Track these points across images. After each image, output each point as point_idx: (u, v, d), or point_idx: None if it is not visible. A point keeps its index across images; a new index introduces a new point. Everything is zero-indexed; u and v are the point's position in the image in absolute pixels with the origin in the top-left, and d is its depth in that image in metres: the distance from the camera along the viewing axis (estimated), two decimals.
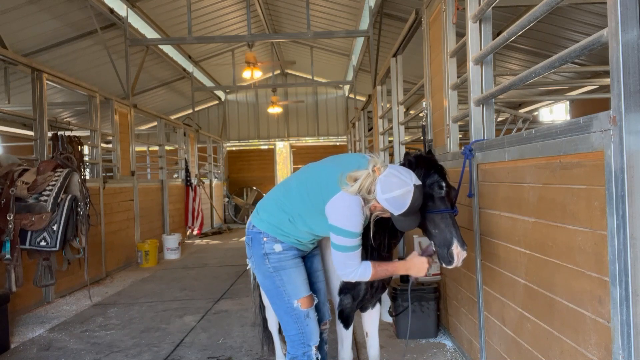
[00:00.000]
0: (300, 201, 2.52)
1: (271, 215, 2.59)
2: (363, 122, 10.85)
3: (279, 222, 2.56)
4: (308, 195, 2.50)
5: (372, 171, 2.35)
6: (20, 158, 5.37)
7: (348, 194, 2.34)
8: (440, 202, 2.48)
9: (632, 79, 1.63)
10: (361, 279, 2.49)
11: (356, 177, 2.34)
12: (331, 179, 2.41)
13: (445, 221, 2.45)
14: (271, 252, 2.56)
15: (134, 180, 8.97)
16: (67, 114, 14.07)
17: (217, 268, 8.02)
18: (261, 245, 2.58)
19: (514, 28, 2.48)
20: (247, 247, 2.70)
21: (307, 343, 2.58)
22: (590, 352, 1.92)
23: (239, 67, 14.24)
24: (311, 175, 2.58)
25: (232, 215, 17.35)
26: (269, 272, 2.58)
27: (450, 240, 2.43)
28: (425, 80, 4.52)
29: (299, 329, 2.58)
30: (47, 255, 4.80)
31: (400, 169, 2.38)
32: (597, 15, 7.88)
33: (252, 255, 2.65)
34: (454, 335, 4.05)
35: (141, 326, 4.96)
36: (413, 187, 2.29)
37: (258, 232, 2.59)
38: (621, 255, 1.69)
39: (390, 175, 2.31)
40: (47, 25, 9.23)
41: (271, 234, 2.56)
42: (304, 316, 2.56)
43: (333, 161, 2.62)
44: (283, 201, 2.59)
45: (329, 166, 2.56)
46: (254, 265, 2.67)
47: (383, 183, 2.31)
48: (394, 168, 2.38)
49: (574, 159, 1.97)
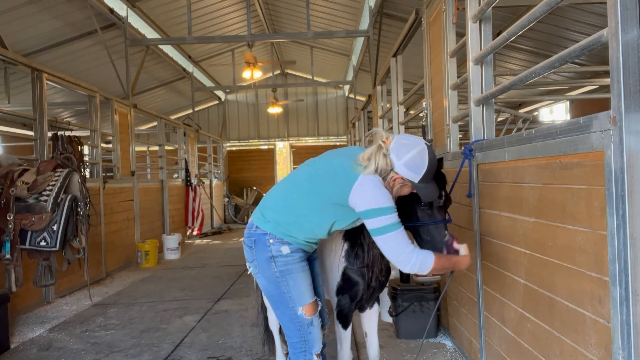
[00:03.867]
0: (315, 194, 2.42)
1: (279, 215, 2.47)
2: (363, 122, 10.86)
3: (288, 221, 2.45)
4: (323, 186, 2.40)
5: (382, 142, 2.33)
6: (20, 158, 5.37)
7: (366, 176, 2.30)
8: (437, 212, 2.54)
9: (632, 79, 1.63)
10: (423, 269, 2.30)
11: (369, 156, 2.31)
12: (344, 167, 2.36)
13: (438, 230, 2.52)
14: (278, 254, 2.44)
15: (134, 180, 8.97)
16: (67, 114, 14.07)
17: (217, 268, 8.02)
18: (267, 247, 2.45)
19: (514, 28, 2.48)
20: (249, 251, 2.55)
21: (309, 351, 2.52)
22: (590, 352, 1.92)
23: (239, 67, 14.25)
24: (321, 167, 2.48)
25: (232, 215, 17.36)
26: (275, 277, 2.46)
27: (440, 250, 2.48)
28: (425, 80, 4.52)
29: (302, 337, 2.52)
30: (47, 255, 4.80)
31: (406, 134, 2.46)
32: (597, 15, 7.88)
33: (256, 259, 2.50)
34: (454, 335, 4.05)
35: (141, 326, 4.96)
36: (425, 146, 2.33)
37: (263, 234, 2.46)
38: (621, 255, 1.69)
39: (401, 140, 2.33)
40: (47, 25, 9.23)
41: (278, 235, 2.44)
42: (307, 324, 2.50)
43: (338, 153, 2.58)
44: (294, 198, 2.48)
45: (337, 157, 2.50)
46: (256, 269, 2.53)
47: (396, 150, 2.30)
48: (400, 135, 2.42)
49: (574, 159, 1.97)
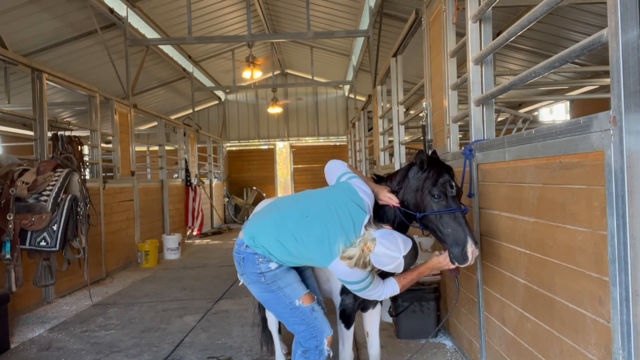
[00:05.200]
0: (300, 249, 2.55)
1: (269, 245, 2.58)
2: (363, 122, 10.86)
3: (277, 251, 2.57)
4: (307, 245, 2.52)
5: (362, 250, 2.43)
6: (20, 158, 5.37)
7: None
8: (452, 201, 2.54)
9: (632, 79, 1.63)
10: (393, 293, 2.64)
11: (350, 256, 2.44)
12: (329, 239, 2.46)
13: (458, 220, 2.51)
14: (267, 270, 2.60)
15: (134, 180, 8.97)
16: (67, 114, 14.07)
17: (217, 268, 8.02)
18: (256, 265, 2.60)
19: (514, 28, 2.48)
20: (237, 265, 2.70)
21: (319, 336, 2.63)
22: (590, 352, 1.92)
23: (239, 67, 14.24)
24: (308, 229, 2.53)
25: (232, 215, 17.36)
26: (265, 285, 2.63)
27: (464, 239, 2.48)
28: (425, 80, 4.52)
29: (308, 324, 2.63)
30: (47, 255, 4.80)
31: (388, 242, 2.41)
32: (597, 15, 7.88)
33: (245, 273, 2.67)
34: (454, 335, 4.05)
35: (141, 326, 4.96)
36: (402, 260, 2.42)
37: (252, 253, 2.61)
38: (621, 255, 1.69)
39: (380, 254, 2.41)
40: (47, 25, 9.23)
41: (266, 256, 2.59)
42: (309, 311, 2.62)
43: (330, 218, 2.52)
44: (282, 236, 2.57)
45: (328, 225, 2.50)
46: (247, 281, 2.70)
47: (375, 261, 2.43)
48: (382, 244, 2.40)
49: (574, 159, 1.97)
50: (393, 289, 2.60)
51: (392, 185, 2.78)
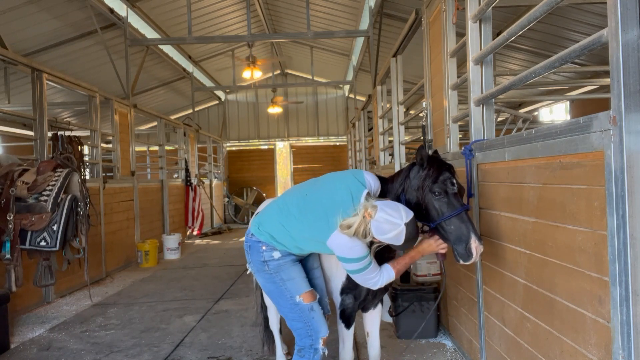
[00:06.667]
0: (300, 229, 2.62)
1: (273, 230, 2.68)
2: (363, 122, 10.86)
3: (281, 236, 2.66)
4: (308, 223, 2.58)
5: (363, 217, 2.42)
6: (20, 158, 5.37)
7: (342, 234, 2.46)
8: (453, 198, 2.55)
9: (632, 79, 1.63)
10: (389, 280, 2.62)
11: (349, 225, 2.43)
12: (327, 215, 2.50)
13: (460, 217, 2.51)
14: (270, 259, 2.68)
15: (134, 180, 8.97)
16: (67, 114, 14.07)
17: (217, 268, 8.02)
18: (260, 253, 2.70)
19: (514, 28, 2.48)
20: (246, 254, 2.84)
21: (315, 335, 2.66)
22: (590, 352, 1.92)
23: (239, 67, 14.24)
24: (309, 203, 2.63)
25: (232, 215, 17.35)
26: (269, 275, 2.71)
27: (467, 236, 2.48)
28: (425, 80, 4.52)
29: (305, 322, 2.67)
30: (47, 255, 4.80)
31: (390, 209, 2.42)
32: (597, 15, 7.88)
33: (252, 262, 2.79)
34: (454, 335, 4.05)
35: (141, 326, 4.96)
36: (404, 227, 2.39)
37: (257, 241, 2.72)
38: (621, 255, 1.69)
39: (382, 221, 2.40)
40: (47, 25, 9.23)
41: (270, 243, 2.68)
42: (308, 309, 2.65)
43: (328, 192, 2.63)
44: (285, 222, 2.67)
45: (325, 200, 2.59)
46: (254, 269, 2.81)
47: (376, 228, 2.41)
48: (384, 210, 2.41)
49: (574, 159, 1.97)
50: (389, 274, 2.60)
51: (394, 186, 2.77)
